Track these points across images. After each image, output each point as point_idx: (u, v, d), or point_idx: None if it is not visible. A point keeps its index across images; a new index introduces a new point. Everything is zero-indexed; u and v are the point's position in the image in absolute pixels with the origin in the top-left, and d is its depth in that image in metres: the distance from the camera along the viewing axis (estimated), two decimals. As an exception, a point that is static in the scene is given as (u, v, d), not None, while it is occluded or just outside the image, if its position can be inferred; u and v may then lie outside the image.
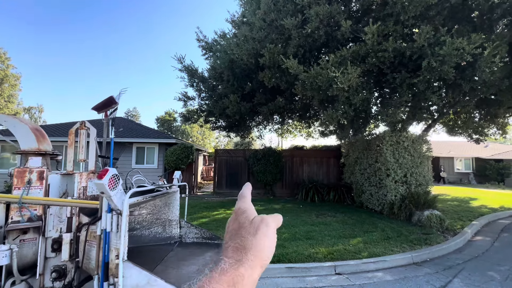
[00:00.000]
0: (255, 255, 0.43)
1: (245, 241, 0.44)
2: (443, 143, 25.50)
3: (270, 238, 0.46)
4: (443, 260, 4.92)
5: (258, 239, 0.45)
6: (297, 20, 6.78)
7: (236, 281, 0.38)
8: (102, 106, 2.15)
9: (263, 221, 0.47)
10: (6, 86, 25.45)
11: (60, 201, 2.35)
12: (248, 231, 0.46)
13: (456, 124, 10.54)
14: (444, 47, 5.28)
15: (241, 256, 0.42)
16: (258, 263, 0.43)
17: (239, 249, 0.43)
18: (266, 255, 0.45)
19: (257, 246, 0.44)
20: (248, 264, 0.41)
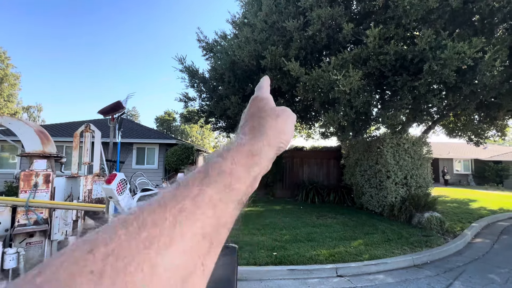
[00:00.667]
0: (273, 135, 0.41)
1: (265, 121, 0.43)
2: (442, 144, 25.61)
3: (289, 125, 0.45)
4: (443, 262, 4.95)
5: (279, 122, 0.43)
6: (299, 23, 6.81)
7: (254, 153, 0.37)
8: (109, 110, 2.17)
9: (285, 110, 0.47)
10: (6, 86, 25.39)
11: (66, 204, 2.37)
12: (268, 114, 0.44)
13: (456, 126, 10.60)
14: (445, 50, 5.31)
15: (260, 133, 0.40)
16: (276, 143, 0.41)
17: (257, 128, 0.42)
18: (286, 138, 0.43)
19: (277, 128, 0.42)
20: (267, 140, 0.40)
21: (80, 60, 73.72)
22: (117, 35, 79.65)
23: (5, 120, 2.94)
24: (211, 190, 0.29)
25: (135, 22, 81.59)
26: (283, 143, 0.43)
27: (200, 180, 0.30)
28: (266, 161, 0.39)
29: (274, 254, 4.75)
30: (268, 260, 4.48)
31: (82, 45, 71.89)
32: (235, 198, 0.32)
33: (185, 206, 0.26)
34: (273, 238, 5.67)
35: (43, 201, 2.30)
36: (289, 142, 0.44)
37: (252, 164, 0.36)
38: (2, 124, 3.00)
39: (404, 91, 6.57)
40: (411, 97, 6.82)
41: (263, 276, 4.16)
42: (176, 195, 0.27)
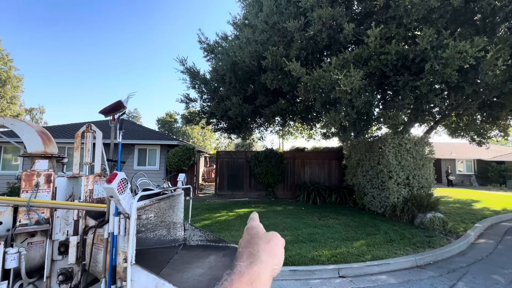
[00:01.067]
0: (267, 257, 0.46)
1: (258, 247, 0.48)
2: (444, 144, 25.49)
3: (280, 249, 0.51)
4: (446, 263, 4.91)
5: (270, 246, 0.49)
6: (300, 23, 6.81)
7: (253, 279, 0.41)
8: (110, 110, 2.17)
9: (274, 234, 0.53)
10: (9, 88, 25.57)
11: (67, 204, 2.36)
12: (261, 239, 0.50)
13: (458, 126, 10.54)
14: (447, 50, 5.29)
15: (255, 258, 0.45)
16: (270, 265, 0.46)
17: (253, 253, 0.47)
18: (277, 261, 0.48)
19: (270, 251, 0.48)
20: (262, 265, 0.44)
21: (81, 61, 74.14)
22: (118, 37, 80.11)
23: (7, 121, 2.95)
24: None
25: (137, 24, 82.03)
26: (277, 265, 0.48)
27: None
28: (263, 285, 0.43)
29: (275, 254, 4.73)
30: (270, 261, 4.46)
31: (82, 47, 72.25)
32: None
33: None
34: (274, 238, 5.64)
35: (45, 201, 2.31)
36: (281, 265, 0.49)
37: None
38: (4, 125, 3.02)
39: (405, 90, 6.55)
40: (413, 97, 6.79)
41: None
42: None
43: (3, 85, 25.05)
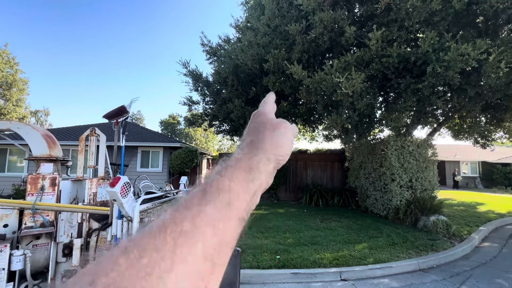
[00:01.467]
0: (272, 147, 0.41)
1: (263, 135, 0.43)
2: (448, 146, 25.28)
3: (287, 138, 0.45)
4: (450, 266, 4.87)
5: (276, 135, 0.43)
6: (301, 26, 6.85)
7: (251, 167, 0.37)
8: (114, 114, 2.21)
9: (282, 122, 0.46)
10: (15, 91, 25.94)
11: (71, 207, 2.41)
12: (266, 128, 0.44)
13: (462, 128, 10.47)
14: (449, 52, 5.28)
15: (257, 147, 0.40)
16: (274, 156, 0.41)
17: (255, 142, 0.42)
18: (283, 151, 0.43)
19: (274, 140, 0.42)
20: (264, 154, 0.40)
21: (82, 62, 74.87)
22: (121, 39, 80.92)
23: (14, 125, 3.02)
24: (210, 209, 0.29)
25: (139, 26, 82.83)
26: (282, 156, 0.43)
27: (199, 199, 0.30)
28: (265, 175, 0.39)
29: (277, 257, 4.73)
30: (271, 264, 4.47)
31: (83, 48, 72.93)
32: (236, 216, 0.31)
33: (184, 228, 0.26)
34: (276, 241, 5.65)
35: (49, 204, 2.35)
36: (287, 155, 0.44)
37: (251, 179, 0.36)
38: (11, 128, 3.08)
39: (407, 93, 6.54)
40: (415, 99, 6.78)
41: (266, 279, 4.15)
42: (175, 217, 0.27)
43: (9, 88, 25.42)
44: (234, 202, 0.32)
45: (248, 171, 0.36)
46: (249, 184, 0.35)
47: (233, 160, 0.38)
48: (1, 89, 25.18)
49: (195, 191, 0.32)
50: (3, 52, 24.89)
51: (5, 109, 25.46)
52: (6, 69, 25.11)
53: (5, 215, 2.39)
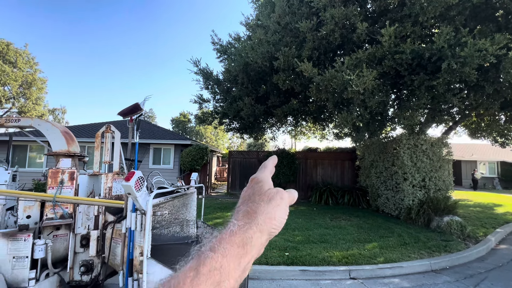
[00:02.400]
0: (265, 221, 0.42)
1: (257, 206, 0.43)
2: (465, 146, 24.41)
3: (282, 210, 0.45)
4: (463, 268, 4.75)
5: (270, 207, 0.44)
6: (312, 23, 6.79)
7: (245, 242, 0.37)
8: (128, 111, 2.30)
9: (278, 192, 0.47)
10: (34, 90, 27.03)
11: (89, 200, 2.53)
12: (261, 198, 0.45)
13: (479, 126, 10.10)
14: (466, 48, 5.11)
15: (251, 220, 0.41)
16: (267, 229, 0.42)
17: (250, 213, 0.42)
18: (277, 224, 0.43)
19: (268, 213, 0.43)
20: (257, 228, 0.40)
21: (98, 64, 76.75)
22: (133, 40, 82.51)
23: (35, 122, 3.18)
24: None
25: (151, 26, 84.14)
26: (275, 229, 0.43)
27: (191, 280, 0.31)
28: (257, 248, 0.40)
29: (286, 254, 4.76)
30: (280, 260, 4.50)
31: (98, 50, 74.67)
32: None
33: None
34: (285, 238, 5.68)
35: (68, 197, 2.48)
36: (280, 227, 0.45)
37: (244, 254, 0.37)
38: (32, 125, 3.25)
39: (421, 90, 6.38)
40: (429, 96, 6.60)
41: (274, 275, 4.19)
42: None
43: (29, 87, 26.52)
44: (224, 282, 0.33)
45: (241, 246, 0.37)
46: (240, 260, 0.36)
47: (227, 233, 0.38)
48: (22, 88, 26.29)
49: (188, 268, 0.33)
50: (23, 52, 25.96)
51: (25, 107, 26.58)
52: (26, 68, 26.19)
53: (28, 206, 2.53)
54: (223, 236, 0.38)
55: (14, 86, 24.99)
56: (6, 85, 24.66)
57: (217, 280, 0.33)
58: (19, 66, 25.41)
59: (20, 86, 25.82)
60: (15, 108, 26.58)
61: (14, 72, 24.73)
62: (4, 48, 24.34)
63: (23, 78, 25.59)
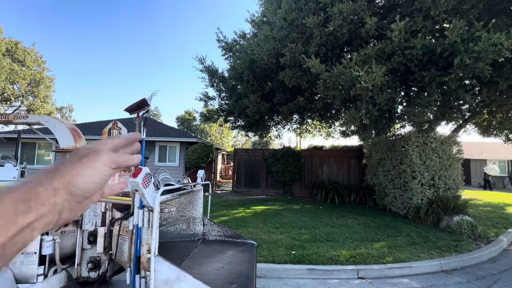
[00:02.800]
0: (63, 179, 0.37)
1: (60, 165, 0.39)
2: (474, 144, 23.90)
3: (93, 168, 0.40)
4: (475, 269, 4.63)
5: (75, 165, 0.39)
6: (319, 19, 6.67)
7: (27, 198, 0.34)
8: (135, 107, 2.27)
9: (93, 151, 0.42)
10: (42, 88, 27.42)
11: (96, 196, 2.52)
12: (71, 158, 0.41)
13: (491, 124, 9.84)
14: (480, 42, 4.94)
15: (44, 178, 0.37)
16: (64, 187, 0.37)
17: (49, 172, 0.38)
18: (79, 182, 0.39)
19: (70, 170, 0.38)
20: (49, 185, 0.36)
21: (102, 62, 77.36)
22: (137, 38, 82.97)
23: (43, 118, 3.18)
24: None
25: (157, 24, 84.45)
26: (76, 187, 0.38)
27: None
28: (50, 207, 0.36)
29: (293, 252, 4.71)
30: (287, 259, 4.46)
31: (98, 46, 75.03)
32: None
33: None
34: (291, 237, 5.63)
35: (76, 193, 2.46)
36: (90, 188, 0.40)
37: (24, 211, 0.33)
38: (40, 122, 3.25)
39: (432, 87, 6.21)
40: (440, 93, 6.43)
41: (281, 274, 4.15)
42: None
43: (37, 85, 26.92)
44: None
45: (21, 202, 0.33)
46: (18, 217, 0.33)
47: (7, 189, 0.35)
48: (30, 86, 26.70)
49: None
50: (32, 51, 26.32)
51: (34, 105, 27.00)
52: (34, 67, 26.57)
53: (36, 203, 2.53)
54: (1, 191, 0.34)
55: (22, 85, 25.39)
56: (15, 83, 25.07)
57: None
58: (27, 65, 25.80)
59: (28, 84, 26.22)
60: (24, 106, 27.03)
61: (23, 71, 25.12)
62: (13, 47, 24.72)
63: (31, 77, 25.98)
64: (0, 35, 23.61)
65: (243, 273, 2.63)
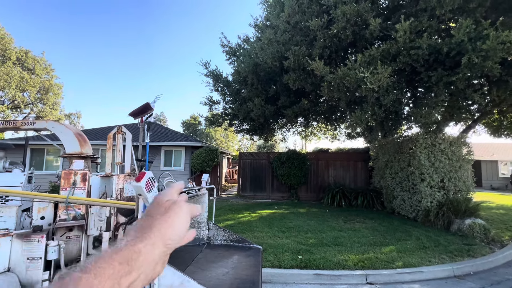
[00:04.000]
0: (159, 232, 0.40)
1: (152, 220, 0.42)
2: (484, 145, 23.35)
3: (180, 219, 0.43)
4: (489, 274, 4.47)
5: (166, 217, 0.42)
6: (323, 21, 6.66)
7: (130, 257, 0.35)
8: (139, 112, 2.27)
9: (176, 202, 0.45)
10: (51, 95, 28.03)
11: (101, 201, 2.51)
12: (158, 211, 0.43)
13: (502, 124, 9.61)
14: (488, 41, 4.84)
15: (141, 233, 0.39)
16: (161, 241, 0.39)
17: (144, 227, 0.40)
18: (172, 234, 0.41)
19: (163, 224, 0.41)
20: (149, 241, 0.38)
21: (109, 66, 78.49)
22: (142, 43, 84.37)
23: (49, 124, 3.22)
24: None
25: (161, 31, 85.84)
26: (172, 240, 0.41)
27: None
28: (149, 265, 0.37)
29: (299, 257, 4.63)
30: (293, 264, 4.38)
31: (108, 52, 76.18)
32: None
33: None
34: (298, 241, 5.54)
35: (81, 198, 2.47)
36: (180, 237, 0.42)
37: (126, 272, 0.34)
38: (47, 128, 3.29)
39: (439, 87, 6.11)
40: (448, 93, 6.32)
41: (288, 279, 4.07)
42: None
43: (46, 93, 27.54)
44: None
45: (124, 263, 0.34)
46: (120, 280, 0.33)
47: (110, 251, 0.36)
48: (39, 94, 27.33)
49: None
50: (41, 60, 27.00)
51: (43, 112, 27.59)
52: (43, 75, 27.22)
53: (42, 208, 2.54)
54: (103, 255, 0.35)
55: (32, 92, 26.01)
56: (25, 91, 25.69)
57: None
58: (37, 73, 26.44)
59: (38, 92, 26.84)
60: (33, 113, 27.65)
61: (33, 79, 25.75)
62: (23, 56, 25.40)
63: (40, 84, 26.60)
64: (11, 45, 24.30)
65: (248, 278, 2.58)
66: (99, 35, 71.09)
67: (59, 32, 62.45)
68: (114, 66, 78.36)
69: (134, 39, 79.68)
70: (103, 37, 72.29)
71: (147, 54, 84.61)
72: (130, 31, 77.43)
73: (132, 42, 79.68)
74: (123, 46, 77.64)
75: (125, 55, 79.48)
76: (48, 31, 59.99)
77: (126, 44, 78.25)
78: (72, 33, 65.11)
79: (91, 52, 72.21)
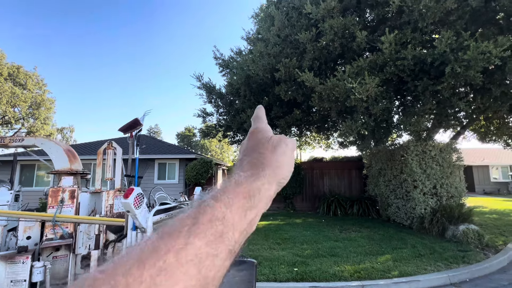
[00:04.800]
0: (273, 171, 0.39)
1: (263, 156, 0.41)
2: (475, 150, 23.81)
3: (288, 157, 0.43)
4: (485, 280, 4.47)
5: (277, 156, 0.42)
6: (311, 34, 6.87)
7: (252, 194, 0.34)
8: (128, 127, 2.28)
9: (282, 139, 0.45)
10: (43, 110, 27.74)
11: (89, 219, 2.47)
12: (266, 148, 0.43)
13: (489, 130, 9.86)
14: (468, 51, 5.05)
15: (257, 171, 0.38)
16: (275, 179, 0.40)
17: (256, 164, 0.40)
18: (284, 173, 0.42)
19: (275, 163, 0.41)
20: (266, 179, 0.38)
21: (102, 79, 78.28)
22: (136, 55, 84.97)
23: (38, 141, 3.19)
24: (199, 241, 0.26)
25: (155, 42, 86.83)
26: (283, 179, 0.41)
27: (188, 229, 0.27)
28: (265, 201, 0.37)
29: (295, 269, 4.56)
30: (289, 276, 4.31)
31: (101, 64, 76.06)
32: (226, 250, 0.28)
33: (166, 263, 0.23)
34: (293, 252, 5.47)
35: (69, 216, 2.42)
36: (288, 176, 0.43)
37: (250, 207, 0.34)
38: (35, 144, 3.25)
39: (426, 95, 6.29)
40: (435, 101, 6.50)
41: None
42: (158, 248, 0.24)
43: (37, 108, 27.25)
44: (227, 234, 0.29)
45: (247, 198, 0.34)
46: (246, 213, 0.33)
47: (232, 183, 0.35)
48: (31, 109, 27.03)
49: (187, 215, 0.29)
50: (33, 75, 26.87)
51: (34, 127, 27.19)
52: (35, 90, 27.03)
53: (28, 227, 2.48)
54: (227, 186, 0.34)
55: (23, 107, 25.72)
56: (16, 106, 25.40)
57: (219, 231, 0.28)
58: (28, 88, 26.25)
59: (29, 107, 26.56)
60: (24, 128, 27.23)
61: (24, 94, 25.52)
62: (15, 71, 25.26)
63: (32, 99, 26.36)
64: (3, 60, 24.20)
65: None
66: (89, 48, 71.36)
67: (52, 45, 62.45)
68: (108, 81, 78.28)
69: (126, 54, 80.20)
70: (93, 50, 72.55)
71: (140, 69, 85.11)
72: (123, 41, 78.01)
73: (127, 53, 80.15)
74: (118, 58, 77.93)
75: (119, 69, 79.70)
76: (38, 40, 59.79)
77: (121, 56, 78.63)
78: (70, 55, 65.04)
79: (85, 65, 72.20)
